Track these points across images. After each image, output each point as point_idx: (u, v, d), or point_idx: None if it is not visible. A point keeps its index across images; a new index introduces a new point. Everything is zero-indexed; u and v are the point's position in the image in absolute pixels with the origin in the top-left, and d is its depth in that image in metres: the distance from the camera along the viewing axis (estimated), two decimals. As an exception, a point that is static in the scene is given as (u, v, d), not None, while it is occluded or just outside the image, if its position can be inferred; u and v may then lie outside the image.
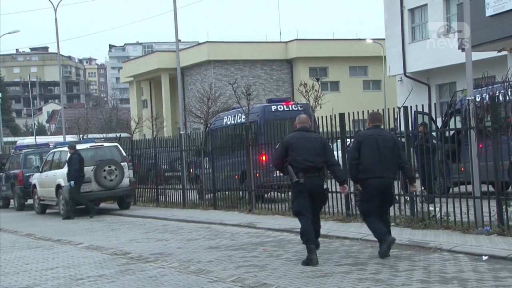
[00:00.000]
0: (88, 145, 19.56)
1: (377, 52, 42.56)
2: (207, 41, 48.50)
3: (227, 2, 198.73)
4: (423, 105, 11.01)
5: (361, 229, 10.97)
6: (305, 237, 8.65)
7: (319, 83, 14.95)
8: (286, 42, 47.96)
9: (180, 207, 18.22)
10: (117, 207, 19.85)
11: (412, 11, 29.65)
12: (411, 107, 11.18)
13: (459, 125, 11.42)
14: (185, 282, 8.16)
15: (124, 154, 19.44)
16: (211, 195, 17.14)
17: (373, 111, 9.42)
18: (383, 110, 11.69)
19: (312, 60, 45.90)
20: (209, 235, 12.41)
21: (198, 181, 18.68)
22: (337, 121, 12.56)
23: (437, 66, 27.64)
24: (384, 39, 33.33)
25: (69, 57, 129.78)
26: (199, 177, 18.42)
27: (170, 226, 14.67)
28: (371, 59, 45.52)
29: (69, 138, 30.35)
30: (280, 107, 17.83)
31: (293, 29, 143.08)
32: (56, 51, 41.30)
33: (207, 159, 17.49)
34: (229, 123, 18.74)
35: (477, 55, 16.47)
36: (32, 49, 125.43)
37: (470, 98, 10.18)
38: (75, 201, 17.94)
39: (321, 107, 14.34)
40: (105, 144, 20.77)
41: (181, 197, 18.62)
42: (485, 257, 8.25)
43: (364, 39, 45.82)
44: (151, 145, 20.38)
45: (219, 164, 16.77)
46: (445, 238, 9.59)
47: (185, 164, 18.87)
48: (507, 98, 9.74)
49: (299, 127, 9.10)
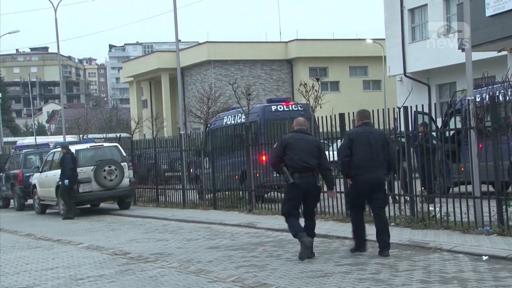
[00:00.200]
0: (88, 145, 19.57)
1: (377, 52, 42.56)
2: (207, 41, 48.50)
3: (227, 2, 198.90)
4: (423, 105, 11.01)
5: (361, 229, 10.97)
6: (294, 229, 9.03)
7: (319, 83, 14.95)
8: (286, 42, 47.94)
9: (180, 207, 18.23)
10: (117, 207, 19.86)
11: (412, 11, 29.65)
12: (411, 107, 11.18)
13: (459, 125, 11.43)
14: (185, 282, 8.16)
15: (124, 154, 19.45)
16: (211, 195, 17.14)
17: (361, 109, 9.55)
18: (383, 110, 11.70)
19: (312, 60, 45.89)
20: (209, 235, 12.41)
21: (198, 181, 18.69)
22: (337, 121, 12.56)
23: (437, 66, 27.63)
24: (384, 39, 33.33)
25: (69, 57, 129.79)
26: (199, 177, 18.43)
27: (170, 226, 14.67)
28: (371, 59, 45.50)
29: (69, 138, 30.33)
30: (280, 107, 17.84)
31: (293, 29, 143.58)
32: (56, 51, 41.31)
33: (207, 159, 17.49)
34: (229, 123, 18.74)
35: (477, 55, 16.47)
36: (32, 49, 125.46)
37: (470, 98, 10.19)
38: (66, 201, 17.97)
39: (321, 107, 14.35)
40: (105, 144, 20.77)
41: (181, 197, 18.62)
42: (485, 257, 8.25)
43: (364, 39, 45.81)
44: (151, 145, 20.38)
45: (219, 164, 16.78)
46: (445, 238, 9.59)
47: (185, 164, 18.88)
48: (507, 98, 9.74)
49: (296, 129, 9.35)
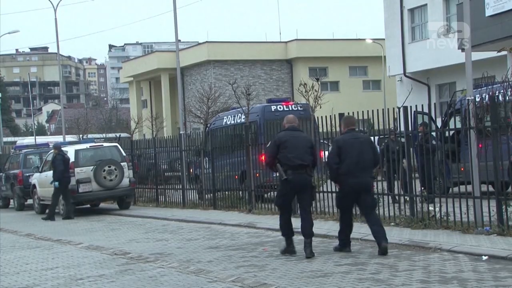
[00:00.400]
0: (88, 145, 19.58)
1: (377, 52, 42.54)
2: (207, 41, 48.48)
3: (227, 2, 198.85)
4: (423, 105, 11.01)
5: (360, 229, 10.96)
6: (284, 230, 9.42)
7: (319, 83, 14.93)
8: (286, 42, 47.91)
9: (180, 207, 18.23)
10: (117, 207, 19.86)
11: (412, 11, 29.64)
12: (411, 107, 11.18)
13: (459, 125, 11.44)
14: (185, 282, 8.16)
15: (124, 154, 19.45)
16: (211, 195, 17.15)
17: (347, 115, 9.88)
18: (383, 110, 11.71)
19: (312, 60, 45.87)
20: (209, 235, 12.41)
21: (198, 181, 18.69)
22: (337, 121, 12.55)
23: (437, 66, 27.63)
24: (384, 39, 33.32)
25: (69, 57, 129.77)
26: (199, 177, 18.43)
27: (170, 226, 14.67)
28: (371, 59, 45.48)
29: (69, 138, 30.34)
30: (280, 107, 17.84)
31: (293, 29, 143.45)
32: (56, 51, 41.31)
33: (207, 159, 17.50)
34: (229, 123, 18.74)
35: (477, 55, 16.47)
36: (32, 49, 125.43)
37: (469, 98, 10.19)
38: (53, 202, 17.98)
39: (321, 107, 14.34)
40: (105, 144, 20.78)
41: (181, 197, 18.62)
42: (485, 257, 8.25)
43: (364, 39, 45.78)
44: (151, 145, 20.39)
45: (219, 164, 16.78)
46: (445, 238, 9.59)
47: (185, 164, 18.88)
48: (507, 98, 9.74)
49: (288, 127, 9.52)
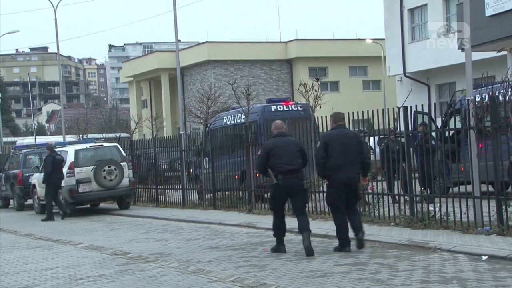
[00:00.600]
0: (87, 145, 19.59)
1: (376, 52, 42.53)
2: (206, 41, 48.48)
3: (227, 2, 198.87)
4: (422, 105, 11.02)
5: (360, 229, 10.97)
6: (276, 230, 9.70)
7: (319, 83, 14.95)
8: (285, 42, 47.91)
9: (179, 207, 18.23)
10: (116, 207, 19.86)
11: (411, 11, 29.63)
12: (411, 107, 11.18)
13: (458, 125, 11.44)
14: (185, 282, 8.16)
15: (123, 154, 19.46)
16: (211, 195, 17.15)
17: (335, 111, 10.01)
18: (382, 110, 11.71)
19: (311, 60, 45.86)
20: (208, 235, 12.41)
21: (197, 181, 18.69)
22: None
23: (437, 66, 27.62)
24: (383, 39, 33.31)
25: (69, 57, 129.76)
26: (198, 177, 18.43)
27: (169, 226, 14.67)
28: (370, 59, 45.48)
29: (69, 138, 30.34)
30: (279, 107, 17.84)
31: (292, 29, 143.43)
32: (55, 51, 41.33)
33: (207, 159, 17.50)
34: (228, 123, 18.75)
35: (477, 55, 16.46)
36: (31, 49, 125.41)
37: (469, 98, 10.19)
38: (46, 202, 18.04)
39: (320, 107, 14.35)
40: (105, 144, 20.78)
41: (181, 197, 18.62)
42: (484, 257, 8.25)
43: (363, 39, 45.77)
44: (151, 145, 20.39)
45: (219, 164, 16.78)
46: (444, 238, 9.59)
47: (184, 164, 18.88)
48: (507, 98, 9.74)
49: (276, 133, 9.73)
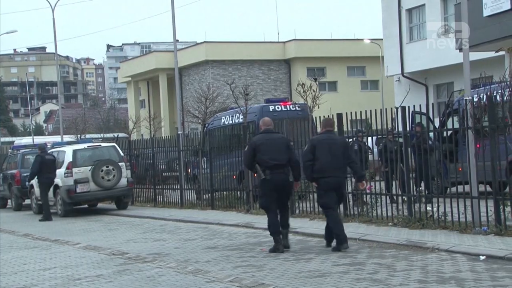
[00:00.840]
0: (85, 145, 19.58)
1: (375, 52, 42.55)
2: (205, 41, 48.45)
3: (225, 2, 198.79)
4: (420, 105, 11.03)
5: (358, 229, 10.99)
6: (272, 228, 9.76)
7: (317, 83, 14.96)
8: (284, 42, 47.88)
9: (177, 207, 18.22)
10: (114, 207, 19.85)
11: (410, 11, 29.64)
12: (409, 107, 11.19)
13: (456, 125, 11.44)
14: (183, 282, 8.15)
15: (121, 154, 19.46)
16: (209, 195, 17.14)
17: (325, 117, 10.38)
18: (381, 110, 11.72)
19: (310, 60, 45.85)
20: (206, 235, 12.41)
21: (196, 181, 18.69)
22: (335, 121, 12.56)
23: (435, 66, 27.62)
24: (382, 39, 33.30)
25: (67, 57, 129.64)
26: (197, 177, 18.43)
27: (167, 226, 14.66)
28: (369, 59, 45.48)
29: (67, 138, 30.33)
30: (278, 107, 17.85)
31: (291, 29, 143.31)
32: (53, 51, 41.26)
33: (205, 159, 17.50)
34: (227, 123, 18.75)
35: (475, 55, 16.46)
36: (29, 49, 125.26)
37: (467, 98, 10.20)
38: (43, 202, 18.09)
39: (319, 107, 14.36)
40: (103, 144, 20.78)
41: (179, 197, 18.62)
42: (482, 257, 8.26)
43: (362, 39, 45.76)
44: (149, 145, 20.39)
45: (217, 164, 16.78)
46: (442, 238, 9.59)
47: (183, 164, 18.87)
48: (505, 98, 9.75)
49: (264, 129, 9.98)
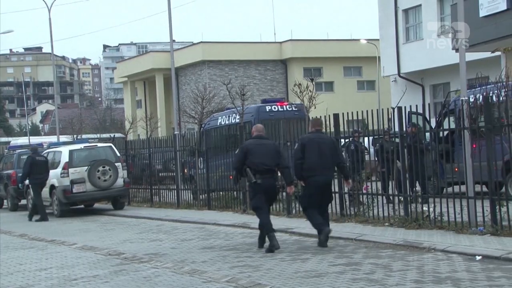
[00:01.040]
0: (82, 146, 19.57)
1: (371, 52, 42.59)
2: (201, 41, 48.46)
3: (222, 2, 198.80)
4: (417, 106, 11.04)
5: (355, 229, 11.00)
6: (266, 228, 9.96)
7: (314, 83, 14.96)
8: (280, 42, 47.92)
9: (174, 208, 18.21)
10: (111, 207, 19.84)
11: (406, 11, 29.67)
12: (405, 107, 11.21)
13: (453, 125, 11.46)
14: (179, 282, 8.15)
15: (118, 154, 19.44)
16: (206, 195, 17.14)
17: (315, 117, 10.61)
18: (377, 110, 11.73)
19: (306, 60, 45.89)
20: (203, 236, 12.41)
21: (192, 181, 18.69)
22: (332, 121, 12.58)
23: (431, 66, 27.67)
24: (378, 40, 33.33)
25: (63, 57, 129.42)
26: (193, 177, 18.42)
27: (164, 226, 14.66)
28: (365, 60, 45.54)
29: (63, 138, 30.28)
30: (274, 107, 17.86)
31: (287, 29, 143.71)
32: (50, 51, 41.22)
33: (202, 159, 17.49)
34: (223, 123, 18.76)
35: (471, 56, 16.50)
36: (25, 49, 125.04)
37: (463, 98, 10.22)
38: (37, 204, 18.11)
39: (315, 107, 14.37)
40: (99, 144, 20.77)
41: (175, 197, 18.61)
42: (478, 257, 8.27)
43: (358, 40, 45.81)
44: (145, 145, 20.38)
45: (214, 164, 16.78)
46: (439, 238, 9.60)
47: (179, 164, 18.86)
48: (501, 98, 9.77)
49: (255, 135, 10.28)
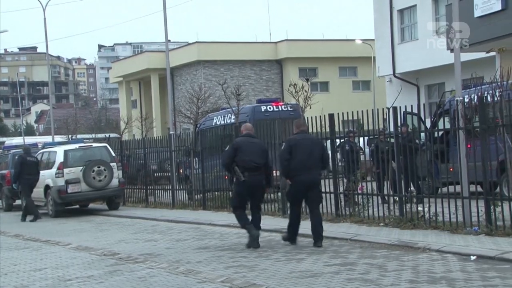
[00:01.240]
0: (77, 146, 19.52)
1: (366, 52, 42.61)
2: (197, 41, 48.44)
3: (217, 2, 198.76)
4: (412, 106, 11.06)
5: (350, 229, 11.01)
6: (243, 222, 10.38)
7: (309, 83, 14.97)
8: (276, 42, 47.92)
9: (169, 208, 18.19)
10: (106, 207, 19.80)
11: (401, 12, 29.72)
12: (400, 107, 11.22)
13: (448, 126, 11.48)
14: (174, 282, 8.14)
15: (113, 154, 19.41)
16: (201, 195, 17.12)
17: (297, 119, 10.86)
18: (372, 110, 11.74)
19: (301, 60, 45.90)
20: (198, 236, 12.40)
21: (187, 181, 18.67)
22: (327, 121, 12.59)
23: (426, 66, 27.72)
24: (373, 40, 33.38)
25: (58, 57, 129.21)
26: (188, 177, 18.41)
27: (159, 226, 14.64)
28: (360, 60, 45.56)
29: (58, 138, 30.22)
30: (269, 108, 17.87)
31: (283, 29, 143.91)
32: (45, 51, 41.13)
33: (197, 159, 17.48)
34: (218, 123, 18.75)
35: (466, 56, 16.53)
36: (20, 49, 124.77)
37: (458, 98, 10.23)
38: (28, 202, 18.14)
39: (310, 108, 14.37)
40: (94, 144, 20.72)
41: (171, 198, 18.59)
42: (473, 257, 8.28)
43: (353, 40, 45.83)
44: (141, 145, 20.34)
45: (209, 164, 16.76)
46: (433, 238, 9.62)
47: (174, 164, 18.84)
48: (495, 98, 9.79)
49: (245, 133, 10.59)
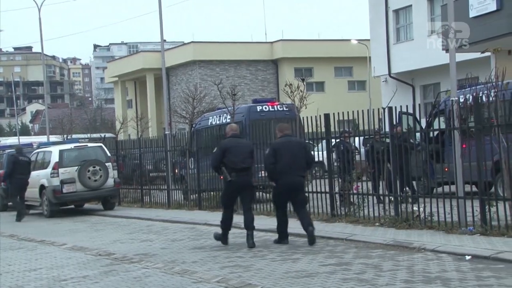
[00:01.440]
0: (72, 145, 19.50)
1: (362, 52, 42.68)
2: (192, 41, 48.38)
3: (213, 2, 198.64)
4: (407, 106, 11.08)
5: (345, 229, 11.02)
6: (224, 225, 10.69)
7: (304, 83, 14.96)
8: (271, 42, 47.92)
9: (165, 208, 18.18)
10: (101, 207, 19.77)
11: (396, 12, 29.76)
12: (396, 107, 11.23)
13: (443, 126, 11.50)
14: (170, 282, 8.13)
15: (108, 154, 19.40)
16: (196, 195, 17.12)
17: (280, 123, 11.05)
18: (367, 110, 11.75)
19: (297, 60, 45.91)
20: (193, 236, 12.39)
21: (183, 181, 18.66)
22: (322, 121, 12.60)
23: (422, 67, 27.77)
24: (369, 40, 33.43)
25: (53, 57, 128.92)
26: (184, 177, 18.39)
27: (154, 226, 14.63)
28: (356, 60, 45.60)
29: (53, 138, 30.17)
30: (265, 108, 17.86)
31: (278, 29, 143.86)
32: (40, 51, 41.05)
33: (192, 159, 17.47)
34: (214, 123, 18.73)
35: (461, 56, 16.55)
36: (15, 48, 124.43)
37: (454, 99, 10.25)
38: (14, 203, 18.08)
39: (306, 108, 14.36)
40: (90, 144, 20.71)
41: (166, 198, 18.58)
42: (468, 257, 8.30)
43: (349, 40, 45.88)
44: (136, 145, 20.33)
45: (204, 164, 16.75)
46: (428, 238, 9.63)
47: (170, 164, 18.83)
48: (490, 99, 9.81)
49: (231, 134, 10.70)
